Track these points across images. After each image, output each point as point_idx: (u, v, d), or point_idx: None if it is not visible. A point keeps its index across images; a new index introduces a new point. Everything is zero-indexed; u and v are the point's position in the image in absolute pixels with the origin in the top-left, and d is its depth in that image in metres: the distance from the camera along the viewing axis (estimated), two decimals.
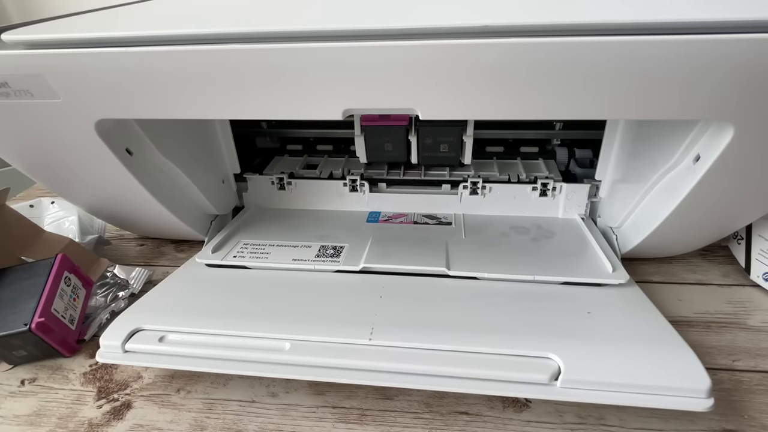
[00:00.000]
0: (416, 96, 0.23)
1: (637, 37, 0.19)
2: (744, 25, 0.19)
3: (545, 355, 0.22)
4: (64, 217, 0.39)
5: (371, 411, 0.24)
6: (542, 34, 0.20)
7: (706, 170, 0.24)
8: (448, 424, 0.24)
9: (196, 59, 0.22)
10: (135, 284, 0.33)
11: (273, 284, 0.29)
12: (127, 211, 0.35)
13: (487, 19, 0.20)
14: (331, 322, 0.25)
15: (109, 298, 0.32)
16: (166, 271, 0.36)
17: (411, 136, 0.34)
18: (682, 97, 0.21)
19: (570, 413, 0.24)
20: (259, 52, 0.22)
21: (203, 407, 0.25)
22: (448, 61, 0.21)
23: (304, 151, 0.43)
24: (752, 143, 0.22)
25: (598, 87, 0.21)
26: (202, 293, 0.29)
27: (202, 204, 0.36)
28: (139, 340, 0.25)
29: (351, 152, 0.41)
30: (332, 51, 0.21)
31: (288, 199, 0.39)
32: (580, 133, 0.37)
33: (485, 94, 0.22)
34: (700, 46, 0.19)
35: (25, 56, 0.23)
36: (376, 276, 0.30)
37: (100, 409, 0.25)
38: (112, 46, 0.22)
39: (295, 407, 0.25)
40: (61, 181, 0.32)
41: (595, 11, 0.21)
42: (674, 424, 0.23)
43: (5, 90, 0.24)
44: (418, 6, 0.24)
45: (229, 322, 0.25)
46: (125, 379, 0.27)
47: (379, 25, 0.21)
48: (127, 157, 0.29)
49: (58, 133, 0.27)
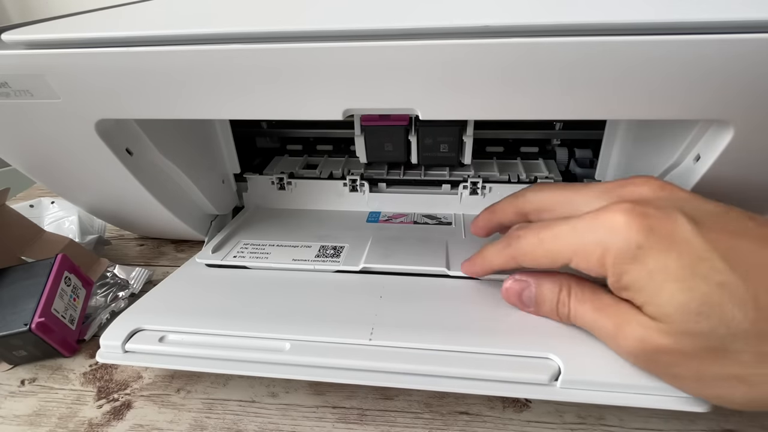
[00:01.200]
0: (416, 96, 0.23)
1: (638, 37, 0.19)
2: (744, 25, 0.19)
3: (545, 356, 0.22)
4: (64, 217, 0.39)
5: (371, 411, 0.24)
6: (543, 34, 0.20)
7: (707, 170, 0.24)
8: (448, 424, 0.24)
9: (196, 59, 0.22)
10: (135, 284, 0.33)
11: (273, 284, 0.29)
12: (127, 211, 0.35)
13: (487, 19, 0.20)
14: (331, 322, 0.25)
15: (109, 298, 0.32)
16: (166, 271, 0.36)
17: (411, 136, 0.34)
18: (682, 97, 0.21)
19: (570, 413, 0.24)
20: (259, 52, 0.22)
21: (203, 407, 0.25)
22: (448, 61, 0.21)
23: (304, 151, 0.43)
24: (752, 143, 0.22)
25: (599, 87, 0.21)
26: (202, 293, 0.29)
27: (202, 204, 0.36)
28: (139, 340, 0.25)
29: (351, 152, 0.41)
30: (332, 51, 0.21)
31: (288, 199, 0.39)
32: (580, 133, 0.37)
33: (485, 94, 0.22)
34: (700, 46, 0.19)
35: (25, 56, 0.23)
36: (376, 276, 0.30)
37: (100, 409, 0.25)
38: (112, 46, 0.22)
39: (295, 407, 0.25)
40: (60, 181, 0.32)
41: (595, 11, 0.21)
42: (674, 424, 0.23)
43: (5, 90, 0.24)
44: (418, 6, 0.24)
45: (229, 322, 0.25)
46: (125, 379, 0.27)
47: (379, 25, 0.21)
48: (127, 157, 0.29)
49: (58, 133, 0.27)
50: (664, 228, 0.18)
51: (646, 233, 0.18)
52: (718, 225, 0.19)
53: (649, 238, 0.18)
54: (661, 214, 0.19)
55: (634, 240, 0.18)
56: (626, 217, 0.19)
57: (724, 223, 0.19)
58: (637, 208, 0.19)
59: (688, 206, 0.19)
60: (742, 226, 0.19)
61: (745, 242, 0.18)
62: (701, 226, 0.18)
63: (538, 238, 0.22)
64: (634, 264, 0.19)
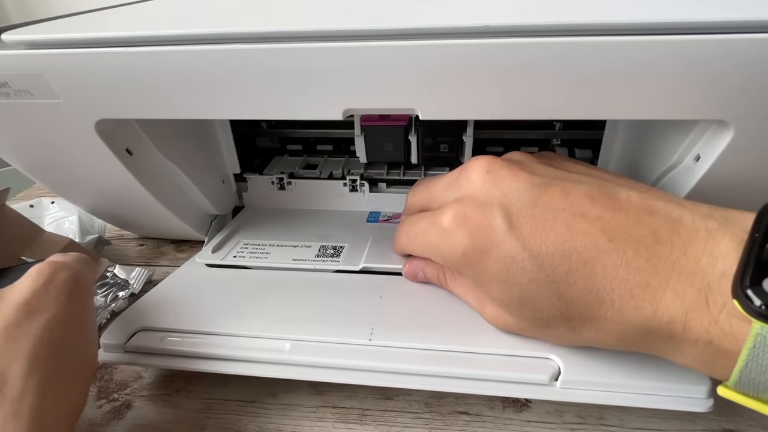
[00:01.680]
0: (416, 96, 0.23)
1: (638, 38, 0.19)
2: (744, 25, 0.19)
3: (545, 356, 0.22)
4: (64, 217, 0.39)
5: (371, 411, 0.24)
6: (543, 34, 0.20)
7: (707, 170, 0.24)
8: (448, 424, 0.24)
9: (196, 59, 0.22)
10: (135, 284, 0.33)
11: (273, 284, 0.29)
12: (127, 211, 0.35)
13: (487, 19, 0.20)
14: (331, 322, 0.25)
15: (109, 298, 0.32)
16: (166, 271, 0.36)
17: (411, 136, 0.34)
18: (681, 97, 0.21)
19: (570, 413, 0.24)
20: (260, 52, 0.22)
21: (203, 407, 0.25)
22: (448, 61, 0.21)
23: (304, 151, 0.43)
24: (752, 143, 0.22)
25: (599, 87, 0.21)
26: (202, 293, 0.29)
27: (202, 204, 0.36)
28: (140, 340, 0.25)
29: (351, 152, 0.41)
30: (332, 51, 0.21)
31: (288, 199, 0.39)
32: (580, 133, 0.37)
33: (485, 94, 0.22)
34: (700, 46, 0.19)
35: (25, 56, 0.23)
36: (376, 276, 0.30)
37: (100, 409, 0.25)
38: (112, 46, 0.22)
39: (295, 407, 0.25)
40: (60, 181, 0.32)
41: (595, 11, 0.21)
42: (674, 424, 0.23)
43: (5, 90, 0.24)
44: (418, 6, 0.24)
45: (229, 322, 0.25)
46: (125, 378, 0.27)
47: (379, 25, 0.21)
48: (127, 157, 0.29)
49: (58, 133, 0.27)
50: (481, 231, 0.21)
51: (467, 238, 0.21)
52: (534, 214, 0.20)
53: (470, 243, 0.21)
54: (480, 215, 0.21)
55: (459, 248, 0.22)
56: (450, 223, 0.22)
57: (540, 210, 0.20)
58: (459, 210, 0.22)
59: (510, 193, 0.21)
60: (553, 213, 0.20)
61: (552, 233, 0.20)
62: (516, 221, 0.20)
63: (408, 236, 0.27)
64: (465, 268, 0.22)
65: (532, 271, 0.20)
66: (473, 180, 0.22)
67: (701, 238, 0.18)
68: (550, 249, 0.19)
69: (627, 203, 0.20)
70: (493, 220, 0.21)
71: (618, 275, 0.19)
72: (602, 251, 0.19)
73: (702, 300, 0.17)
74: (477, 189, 0.22)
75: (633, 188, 0.21)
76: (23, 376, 0.16)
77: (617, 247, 0.19)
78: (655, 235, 0.19)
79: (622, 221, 0.19)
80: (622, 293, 0.19)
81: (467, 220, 0.21)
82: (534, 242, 0.20)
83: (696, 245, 0.18)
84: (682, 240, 0.18)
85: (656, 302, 0.18)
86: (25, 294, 0.18)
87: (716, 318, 0.17)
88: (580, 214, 0.20)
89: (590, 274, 0.19)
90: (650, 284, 0.18)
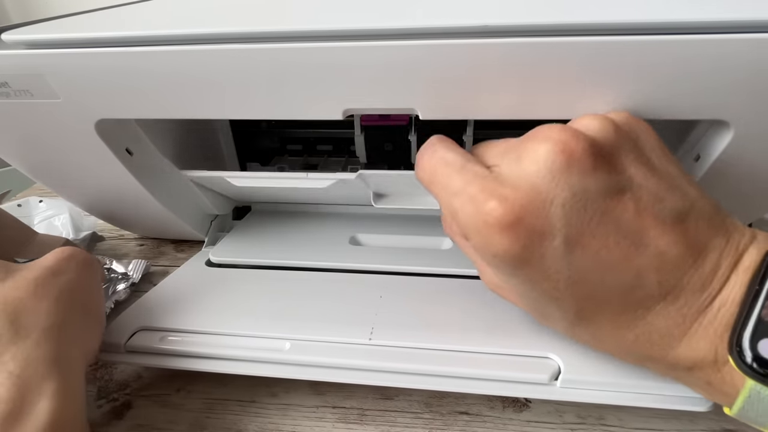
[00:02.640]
0: (416, 96, 0.23)
1: (638, 37, 0.19)
2: (744, 25, 0.19)
3: (545, 355, 0.22)
4: (53, 216, 0.38)
5: (371, 411, 0.24)
6: (543, 33, 0.20)
7: (706, 170, 0.24)
8: (448, 424, 0.24)
9: (196, 59, 0.22)
10: (134, 274, 0.33)
11: (273, 284, 0.29)
12: (127, 211, 0.35)
13: (487, 19, 0.20)
14: (331, 322, 0.25)
15: (109, 291, 0.32)
16: (166, 271, 0.36)
17: (411, 136, 0.34)
18: (681, 97, 0.21)
19: (570, 413, 0.24)
20: (260, 52, 0.22)
21: (203, 407, 0.25)
22: (448, 61, 0.21)
23: (304, 151, 0.43)
24: (752, 143, 0.22)
25: (599, 87, 0.21)
26: (203, 293, 0.29)
27: (202, 204, 0.36)
28: (140, 339, 0.25)
29: (351, 152, 0.41)
30: (332, 51, 0.21)
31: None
32: None
33: (485, 94, 0.22)
34: (700, 46, 0.19)
35: (25, 56, 0.23)
36: (377, 276, 0.30)
37: (99, 408, 0.25)
38: (112, 46, 0.22)
39: (295, 407, 0.25)
40: (60, 180, 0.32)
41: (595, 11, 0.21)
42: (674, 424, 0.23)
43: (5, 90, 0.24)
44: (418, 6, 0.24)
45: (229, 321, 0.25)
46: (125, 378, 0.27)
47: (379, 25, 0.21)
48: (127, 157, 0.29)
49: (58, 133, 0.27)
50: (528, 247, 0.17)
51: (508, 245, 0.17)
52: (594, 232, 0.17)
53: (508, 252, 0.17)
54: (534, 220, 0.17)
55: (491, 249, 0.18)
56: (494, 214, 0.17)
57: (604, 227, 0.17)
58: (510, 201, 0.17)
59: (579, 193, 0.17)
60: (616, 236, 0.17)
61: (603, 253, 0.17)
62: (573, 237, 0.17)
63: (431, 167, 0.21)
64: (486, 260, 0.19)
65: (562, 291, 0.18)
66: (539, 157, 0.17)
67: (732, 284, 0.17)
68: (590, 277, 0.17)
69: (695, 239, 0.17)
70: (552, 240, 0.17)
71: (646, 318, 0.18)
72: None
73: (711, 354, 0.17)
74: (540, 172, 0.17)
75: (702, 218, 0.18)
76: (49, 313, 0.20)
77: (661, 292, 0.17)
78: (699, 280, 0.17)
79: (679, 262, 0.17)
80: (639, 334, 0.18)
81: (520, 224, 0.17)
82: (578, 266, 0.17)
83: (725, 291, 0.17)
84: (719, 281, 0.17)
85: (669, 350, 0.18)
86: (52, 261, 0.22)
87: (720, 368, 0.17)
88: (644, 245, 0.17)
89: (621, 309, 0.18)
90: (672, 334, 0.18)
